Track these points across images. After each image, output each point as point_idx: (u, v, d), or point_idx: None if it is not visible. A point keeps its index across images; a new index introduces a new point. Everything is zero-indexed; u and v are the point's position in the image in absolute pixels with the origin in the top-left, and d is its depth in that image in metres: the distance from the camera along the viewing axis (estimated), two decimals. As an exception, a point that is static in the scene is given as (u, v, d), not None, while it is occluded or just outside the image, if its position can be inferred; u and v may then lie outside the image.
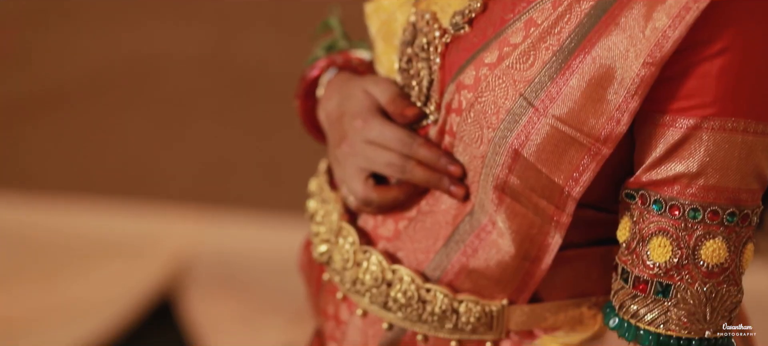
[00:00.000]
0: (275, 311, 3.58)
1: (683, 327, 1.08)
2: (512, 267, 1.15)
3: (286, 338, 3.51)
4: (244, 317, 3.61)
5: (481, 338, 1.19)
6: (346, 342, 1.28)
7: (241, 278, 3.70)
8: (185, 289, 3.73)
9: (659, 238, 1.07)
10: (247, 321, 3.60)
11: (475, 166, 1.15)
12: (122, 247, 3.80)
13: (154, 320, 3.68)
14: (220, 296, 3.67)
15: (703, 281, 1.07)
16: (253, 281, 3.71)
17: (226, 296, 3.67)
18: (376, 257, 1.22)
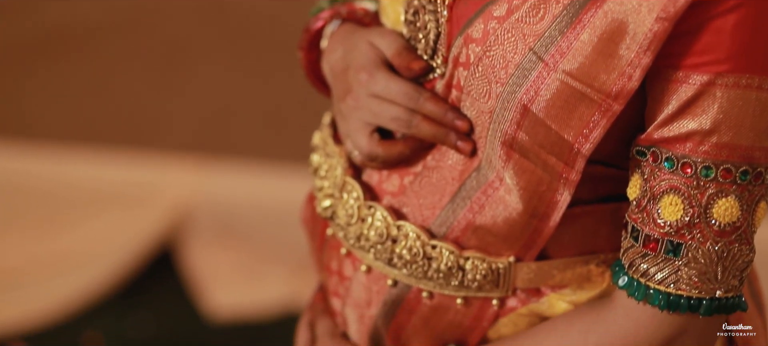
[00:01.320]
0: (277, 261, 3.57)
1: (694, 287, 1.06)
2: (520, 224, 1.14)
3: (287, 288, 3.51)
4: (245, 267, 3.61)
5: (488, 296, 1.18)
6: (350, 298, 1.27)
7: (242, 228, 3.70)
8: (185, 239, 3.72)
9: (670, 196, 1.06)
10: (248, 272, 3.59)
11: (483, 122, 1.13)
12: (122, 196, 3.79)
13: (154, 270, 3.68)
14: (221, 246, 3.67)
15: (714, 240, 1.05)
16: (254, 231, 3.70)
17: (226, 246, 3.66)
18: (381, 212, 1.20)
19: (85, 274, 3.58)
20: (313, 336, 1.34)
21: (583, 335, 1.12)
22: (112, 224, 3.72)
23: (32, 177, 3.78)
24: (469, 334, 1.21)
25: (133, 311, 3.53)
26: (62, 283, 3.55)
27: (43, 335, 3.40)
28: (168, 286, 3.64)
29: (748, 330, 1.26)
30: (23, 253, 3.67)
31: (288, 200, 3.62)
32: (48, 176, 3.77)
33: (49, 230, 3.71)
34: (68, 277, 3.57)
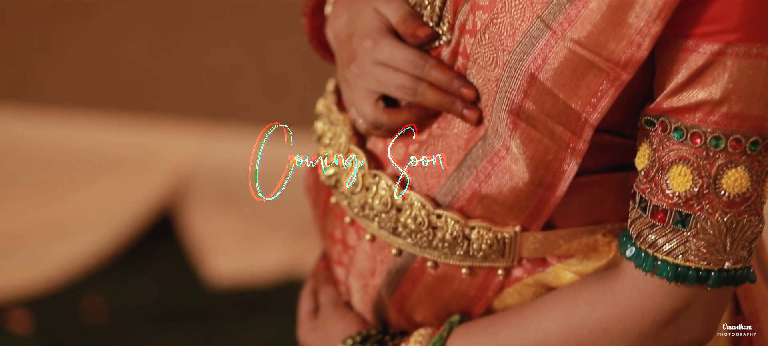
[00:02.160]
0: (277, 227, 3.57)
1: (702, 258, 1.05)
2: (526, 194, 1.13)
3: (287, 254, 3.50)
4: (246, 233, 3.60)
5: (493, 265, 1.17)
6: (354, 267, 1.26)
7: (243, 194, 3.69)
8: (186, 204, 3.72)
9: (679, 166, 1.05)
10: (248, 237, 3.59)
11: (489, 90, 1.12)
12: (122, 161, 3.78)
13: (155, 235, 3.68)
14: (222, 211, 3.66)
15: (723, 211, 1.04)
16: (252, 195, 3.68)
17: (227, 211, 3.66)
18: (386, 181, 1.19)
19: (85, 239, 3.57)
20: (316, 305, 1.33)
21: (589, 305, 1.11)
22: (112, 188, 3.71)
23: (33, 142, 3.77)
24: (474, 304, 1.20)
25: (133, 276, 3.53)
26: (63, 248, 3.55)
27: (43, 301, 3.40)
28: (168, 251, 3.64)
29: (747, 330, 1.26)
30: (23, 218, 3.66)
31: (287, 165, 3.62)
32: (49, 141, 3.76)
33: (49, 195, 3.70)
34: (69, 242, 3.57)
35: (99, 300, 3.41)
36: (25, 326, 3.30)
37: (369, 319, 1.28)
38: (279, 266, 3.49)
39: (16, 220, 3.65)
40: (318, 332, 1.30)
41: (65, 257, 3.52)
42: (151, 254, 3.64)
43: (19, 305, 3.37)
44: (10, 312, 3.33)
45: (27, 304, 3.39)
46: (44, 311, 3.35)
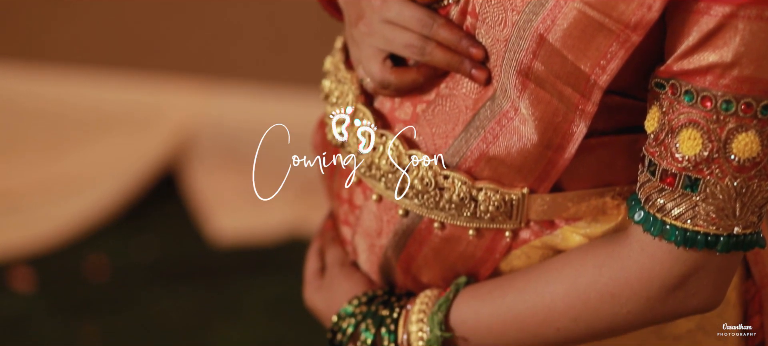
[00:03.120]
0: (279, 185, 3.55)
1: (711, 223, 1.05)
2: (534, 155, 1.12)
3: (291, 213, 3.50)
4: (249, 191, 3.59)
5: (500, 227, 1.17)
6: (361, 227, 1.26)
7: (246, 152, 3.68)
8: (189, 162, 3.71)
9: (689, 130, 1.04)
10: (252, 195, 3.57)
11: (498, 50, 1.11)
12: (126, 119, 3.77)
13: (158, 193, 3.67)
14: (225, 169, 3.65)
15: (733, 176, 1.03)
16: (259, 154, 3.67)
17: (231, 169, 3.65)
18: (393, 141, 1.19)
19: (88, 197, 3.57)
20: (323, 264, 1.33)
21: (597, 269, 1.11)
22: (115, 146, 3.71)
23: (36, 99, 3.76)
24: (481, 266, 1.19)
25: (136, 234, 3.53)
26: (66, 206, 3.54)
27: (46, 258, 3.40)
28: (172, 209, 3.64)
29: (748, 330, 1.26)
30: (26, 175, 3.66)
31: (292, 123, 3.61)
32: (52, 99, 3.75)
33: (52, 153, 3.70)
34: (72, 200, 3.56)
35: (102, 258, 3.41)
36: (27, 284, 3.30)
37: (375, 279, 1.28)
38: (283, 225, 3.48)
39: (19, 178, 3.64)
40: (324, 292, 1.30)
41: (68, 215, 3.52)
42: (155, 212, 3.63)
43: (22, 263, 3.38)
44: (13, 270, 3.33)
45: (30, 262, 3.39)
46: (47, 269, 3.35)
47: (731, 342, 1.27)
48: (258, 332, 3.10)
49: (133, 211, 3.60)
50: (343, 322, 1.24)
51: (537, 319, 1.14)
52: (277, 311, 3.16)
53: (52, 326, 3.13)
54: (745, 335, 1.29)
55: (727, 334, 1.25)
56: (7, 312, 3.19)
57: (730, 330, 1.26)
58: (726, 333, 1.25)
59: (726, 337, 1.26)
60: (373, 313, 1.22)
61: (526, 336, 1.15)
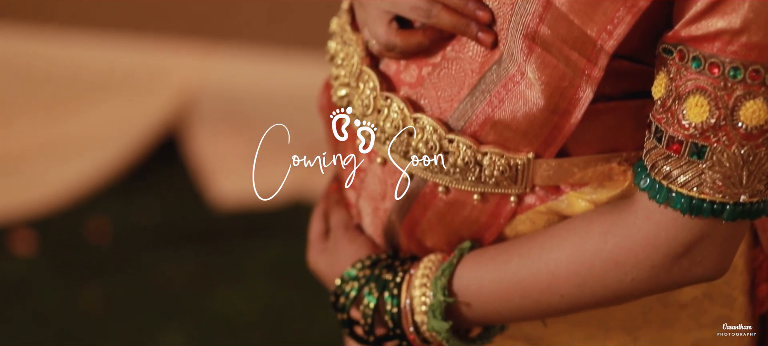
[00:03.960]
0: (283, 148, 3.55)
1: (717, 191, 1.04)
2: (540, 120, 1.11)
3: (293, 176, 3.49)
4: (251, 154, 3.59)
5: (505, 192, 1.16)
6: (365, 190, 1.25)
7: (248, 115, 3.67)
8: (191, 125, 3.70)
9: (696, 96, 1.03)
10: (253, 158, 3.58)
11: (504, 13, 1.10)
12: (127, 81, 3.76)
13: (160, 156, 3.67)
14: (227, 132, 3.65)
15: (740, 144, 1.02)
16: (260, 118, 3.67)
17: (232, 132, 3.64)
18: (398, 104, 1.18)
19: (90, 160, 3.57)
20: (327, 227, 1.32)
21: (601, 236, 1.10)
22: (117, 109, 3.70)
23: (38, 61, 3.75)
24: (485, 230, 1.19)
25: (138, 197, 3.53)
26: (67, 168, 3.54)
27: (47, 221, 3.40)
28: (173, 172, 3.64)
29: (747, 330, 1.25)
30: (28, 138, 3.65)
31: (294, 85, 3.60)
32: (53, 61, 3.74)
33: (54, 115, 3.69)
34: (73, 163, 3.56)
35: (104, 221, 3.41)
36: (29, 248, 3.30)
37: (379, 243, 1.27)
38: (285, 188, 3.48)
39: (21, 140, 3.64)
40: (328, 255, 1.29)
41: (70, 177, 3.51)
42: (156, 175, 3.63)
43: (23, 226, 3.38)
44: (15, 233, 3.33)
45: (31, 224, 3.39)
46: (49, 232, 3.35)
47: (738, 309, 1.26)
48: (260, 295, 3.11)
49: (134, 174, 3.60)
50: (347, 285, 1.24)
51: (541, 285, 1.13)
52: (279, 275, 3.16)
53: (54, 289, 3.14)
54: (753, 303, 1.28)
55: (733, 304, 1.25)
56: (9, 275, 3.19)
57: (730, 330, 1.26)
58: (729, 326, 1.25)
59: (732, 305, 1.25)
60: (376, 277, 1.22)
61: (530, 303, 1.15)
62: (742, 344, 1.29)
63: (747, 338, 1.29)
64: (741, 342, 1.29)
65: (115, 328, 3.02)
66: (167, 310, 3.07)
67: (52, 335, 3.00)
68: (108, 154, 3.58)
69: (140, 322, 3.04)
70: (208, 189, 3.54)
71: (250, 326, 3.01)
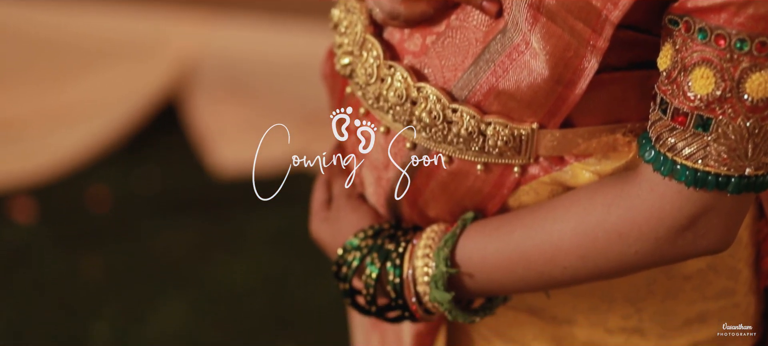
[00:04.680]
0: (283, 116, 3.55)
1: (722, 163, 1.03)
2: (544, 90, 1.10)
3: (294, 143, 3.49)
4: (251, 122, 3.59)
5: (509, 163, 1.15)
6: (368, 159, 1.24)
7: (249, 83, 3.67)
8: (191, 92, 3.70)
9: (702, 68, 1.02)
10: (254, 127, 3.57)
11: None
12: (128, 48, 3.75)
13: (160, 123, 3.66)
14: (227, 100, 3.64)
15: (746, 116, 1.02)
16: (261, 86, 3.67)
17: (233, 100, 3.64)
18: (401, 73, 1.17)
19: (90, 127, 3.56)
20: (330, 196, 1.32)
21: (605, 208, 1.10)
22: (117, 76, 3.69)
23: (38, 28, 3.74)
24: (489, 201, 1.18)
25: (138, 165, 3.52)
26: (67, 135, 3.54)
27: (47, 189, 3.40)
28: (174, 140, 3.63)
29: (748, 330, 1.25)
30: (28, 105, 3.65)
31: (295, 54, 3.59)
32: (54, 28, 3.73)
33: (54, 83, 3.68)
34: (73, 130, 3.56)
35: (104, 189, 3.41)
36: (29, 215, 3.30)
37: (382, 212, 1.26)
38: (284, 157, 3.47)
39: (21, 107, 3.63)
40: (330, 224, 1.29)
41: (70, 145, 3.51)
42: (156, 143, 3.63)
43: (23, 194, 3.37)
44: (15, 201, 3.33)
45: (31, 192, 3.38)
46: (49, 200, 3.35)
47: (743, 281, 1.26)
48: (260, 264, 3.11)
49: (134, 142, 3.60)
50: (349, 255, 1.23)
51: (544, 257, 1.13)
52: (279, 243, 3.16)
53: (54, 257, 3.14)
54: (758, 275, 1.28)
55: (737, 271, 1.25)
56: (9, 243, 3.19)
57: (730, 330, 1.26)
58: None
59: (737, 277, 1.25)
60: (378, 247, 1.21)
61: (533, 274, 1.14)
62: (746, 317, 1.29)
63: (751, 310, 1.29)
64: (745, 316, 1.29)
65: (115, 296, 3.02)
66: (167, 278, 3.07)
67: (51, 302, 3.00)
68: (108, 122, 3.57)
69: (140, 290, 3.04)
70: (208, 157, 3.54)
71: (250, 295, 3.01)
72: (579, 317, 1.25)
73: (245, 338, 2.88)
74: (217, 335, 2.89)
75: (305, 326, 2.91)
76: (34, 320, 2.95)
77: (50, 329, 2.92)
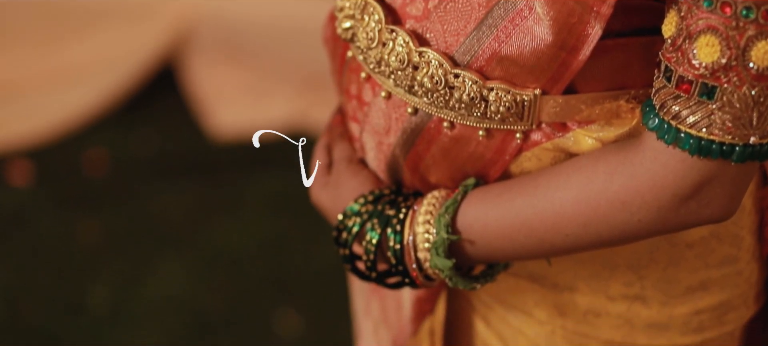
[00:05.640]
0: (282, 79, 3.54)
1: (727, 132, 1.02)
2: (547, 56, 1.09)
3: (292, 107, 3.48)
4: (250, 85, 3.58)
5: (511, 128, 1.14)
6: (369, 124, 1.23)
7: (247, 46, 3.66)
8: (189, 55, 3.68)
9: (707, 36, 1.00)
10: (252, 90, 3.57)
11: (513, -54, 1.08)
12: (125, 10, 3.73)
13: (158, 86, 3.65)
14: (225, 63, 3.63)
15: (751, 84, 1.00)
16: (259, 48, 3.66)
17: (231, 63, 3.63)
18: (403, 37, 1.16)
19: (87, 89, 3.55)
20: (330, 161, 1.31)
21: (607, 176, 1.09)
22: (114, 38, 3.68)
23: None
24: (491, 167, 1.17)
25: (136, 128, 3.51)
26: (64, 98, 3.53)
27: (45, 152, 3.39)
28: (171, 103, 3.62)
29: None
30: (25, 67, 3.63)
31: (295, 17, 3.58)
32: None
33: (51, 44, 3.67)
34: (71, 92, 3.55)
35: (101, 152, 3.40)
36: (26, 178, 3.29)
37: (383, 178, 1.26)
38: (283, 120, 3.47)
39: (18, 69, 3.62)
40: (330, 189, 1.28)
41: (67, 107, 3.50)
42: (154, 106, 3.62)
43: (20, 156, 3.37)
44: (11, 163, 3.32)
45: (28, 155, 3.38)
46: (46, 163, 3.35)
47: (746, 248, 1.26)
48: (259, 227, 3.10)
49: (132, 104, 3.59)
50: (349, 220, 1.23)
51: (546, 225, 1.12)
52: (278, 207, 3.16)
53: (52, 221, 3.13)
54: (761, 243, 1.28)
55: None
56: (6, 206, 3.19)
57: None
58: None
59: (740, 245, 1.25)
60: (379, 212, 1.21)
61: (534, 242, 1.14)
62: (748, 284, 1.28)
63: (754, 277, 1.29)
64: (748, 283, 1.28)
65: (112, 259, 3.02)
66: (165, 242, 3.07)
67: (48, 266, 3.00)
68: (105, 84, 3.56)
69: (138, 253, 3.04)
70: (206, 120, 3.53)
71: (249, 258, 3.01)
72: (580, 284, 1.25)
73: (244, 302, 2.89)
74: (215, 299, 2.89)
75: (304, 290, 2.91)
76: (31, 283, 2.95)
77: (47, 293, 2.92)
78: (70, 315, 2.85)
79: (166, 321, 2.83)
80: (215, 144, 3.45)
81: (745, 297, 1.29)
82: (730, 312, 1.28)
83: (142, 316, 2.85)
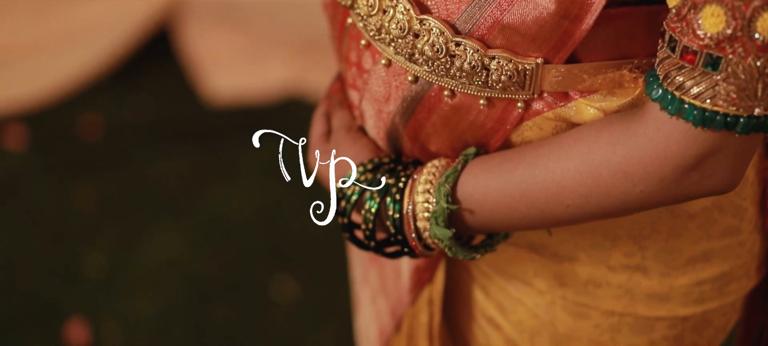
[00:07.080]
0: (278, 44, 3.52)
1: (731, 103, 1.01)
2: (550, 25, 1.08)
3: (288, 71, 3.46)
4: (246, 50, 3.56)
5: (512, 97, 1.13)
6: (368, 92, 1.22)
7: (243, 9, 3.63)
8: (184, 19, 3.66)
9: (713, 6, 0.99)
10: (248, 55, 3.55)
11: None
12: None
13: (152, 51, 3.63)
14: (221, 28, 3.61)
15: (756, 56, 0.99)
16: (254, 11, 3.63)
17: (226, 28, 3.61)
18: (404, 4, 1.14)
19: (82, 54, 3.53)
20: (329, 128, 1.30)
21: (610, 146, 1.07)
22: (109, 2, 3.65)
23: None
24: (491, 136, 1.16)
25: (130, 93, 3.50)
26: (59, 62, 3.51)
27: (39, 116, 3.38)
28: (166, 68, 3.60)
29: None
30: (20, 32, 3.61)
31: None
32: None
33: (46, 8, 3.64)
34: (65, 56, 3.53)
35: (96, 117, 3.39)
36: (20, 142, 3.28)
37: (382, 146, 1.25)
38: (279, 84, 3.45)
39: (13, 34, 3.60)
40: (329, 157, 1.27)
41: (62, 71, 3.48)
42: (149, 71, 3.60)
43: (14, 121, 3.35)
44: (6, 127, 3.31)
45: (23, 119, 3.36)
46: (40, 127, 3.33)
47: (748, 219, 1.25)
48: (254, 193, 3.09)
49: (127, 69, 3.57)
50: (348, 189, 1.22)
51: (547, 195, 1.11)
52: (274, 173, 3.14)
53: (46, 186, 3.12)
54: (763, 214, 1.27)
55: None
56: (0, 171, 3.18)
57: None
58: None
59: (742, 215, 1.24)
60: (378, 181, 1.20)
61: (535, 212, 1.13)
62: (750, 255, 1.28)
63: (756, 248, 1.28)
64: (750, 253, 1.27)
65: (107, 225, 3.01)
66: (161, 208, 3.06)
67: (44, 231, 2.99)
68: (100, 49, 3.54)
69: (133, 219, 3.03)
70: (201, 85, 3.51)
71: (244, 224, 3.00)
72: (581, 254, 1.24)
73: (240, 268, 2.88)
74: (211, 265, 2.89)
75: (301, 257, 2.90)
76: (26, 249, 2.94)
77: (43, 259, 2.91)
78: (66, 281, 2.84)
79: (162, 287, 2.82)
80: (211, 109, 3.43)
81: (747, 268, 1.28)
82: (731, 283, 1.27)
83: (138, 282, 2.84)
